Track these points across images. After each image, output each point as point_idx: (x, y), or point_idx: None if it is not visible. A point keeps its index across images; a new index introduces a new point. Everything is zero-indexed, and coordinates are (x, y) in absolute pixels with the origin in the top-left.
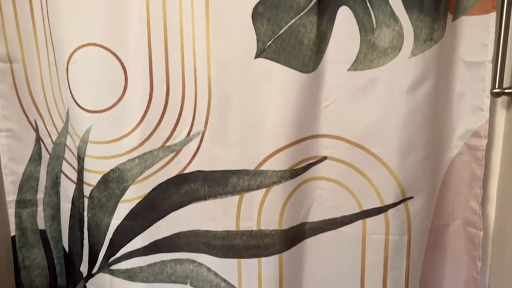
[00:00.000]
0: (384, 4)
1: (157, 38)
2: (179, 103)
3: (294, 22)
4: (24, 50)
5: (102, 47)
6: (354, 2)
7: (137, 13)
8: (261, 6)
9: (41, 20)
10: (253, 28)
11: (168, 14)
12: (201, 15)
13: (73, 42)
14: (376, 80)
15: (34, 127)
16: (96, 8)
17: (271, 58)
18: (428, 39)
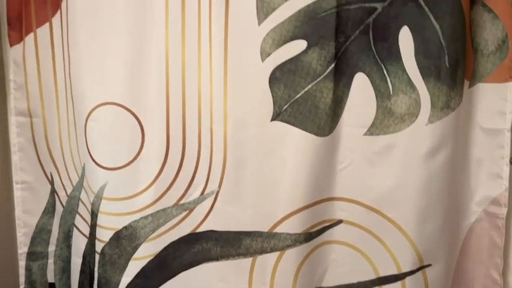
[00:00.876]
0: (401, 72)
1: (176, 98)
2: (194, 162)
3: (310, 87)
4: (45, 105)
5: (120, 106)
6: (370, 68)
7: (157, 74)
8: (278, 72)
9: (62, 78)
10: (270, 92)
11: (186, 75)
12: (220, 78)
13: (92, 101)
14: (392, 145)
15: (49, 180)
16: (116, 68)
17: (287, 121)
18: (445, 107)
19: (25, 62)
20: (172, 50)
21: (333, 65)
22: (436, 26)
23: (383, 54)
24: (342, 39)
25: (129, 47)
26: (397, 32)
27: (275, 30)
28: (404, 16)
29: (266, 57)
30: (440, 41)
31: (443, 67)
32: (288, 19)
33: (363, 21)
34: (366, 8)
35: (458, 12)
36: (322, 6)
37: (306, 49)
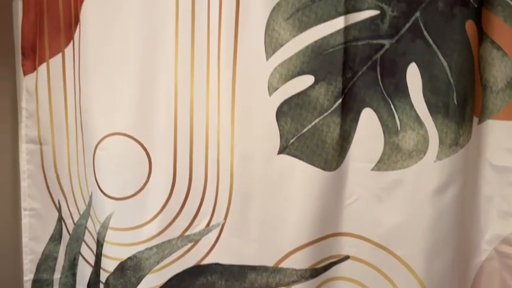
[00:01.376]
0: (409, 108)
1: (183, 130)
2: (200, 194)
3: (317, 122)
4: (55, 133)
5: (129, 137)
6: (377, 104)
7: (165, 105)
8: (285, 106)
9: (73, 107)
10: (277, 126)
11: (195, 107)
12: (227, 110)
13: (101, 130)
14: (400, 181)
15: (57, 207)
16: (126, 99)
17: (294, 155)
18: (454, 144)
19: (37, 91)
20: (181, 82)
21: (340, 100)
22: (444, 63)
23: (390, 90)
24: (349, 75)
25: (138, 79)
26: (404, 68)
27: (283, 65)
28: (412, 53)
29: (273, 92)
30: (449, 78)
31: (451, 104)
32: (295, 55)
33: (371, 58)
34: (373, 44)
35: (466, 49)
36: (330, 43)
37: (313, 84)
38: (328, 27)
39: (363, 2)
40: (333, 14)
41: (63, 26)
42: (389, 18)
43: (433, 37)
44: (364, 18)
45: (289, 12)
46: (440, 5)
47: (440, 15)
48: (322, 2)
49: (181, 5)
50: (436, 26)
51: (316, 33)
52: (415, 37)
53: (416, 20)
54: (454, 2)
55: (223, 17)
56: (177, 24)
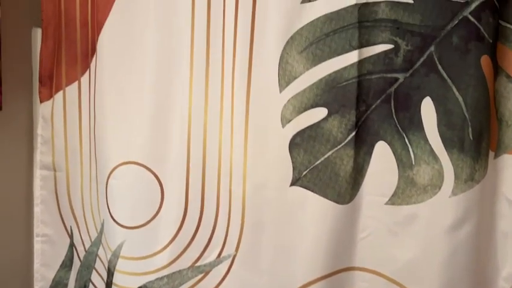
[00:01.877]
0: (423, 142)
1: (196, 160)
2: (212, 224)
3: (330, 154)
4: (69, 160)
5: (142, 166)
6: (391, 137)
7: (178, 135)
8: (298, 138)
9: (87, 135)
10: (289, 157)
11: (208, 137)
12: (240, 141)
13: (115, 159)
14: (415, 216)
15: (69, 233)
16: (140, 129)
17: (307, 187)
18: (470, 180)
19: (53, 118)
20: (194, 112)
21: (354, 133)
22: (459, 97)
23: (405, 123)
24: (363, 108)
25: (153, 109)
26: (419, 102)
27: (296, 97)
28: (426, 87)
29: (287, 123)
30: (464, 113)
31: (466, 139)
32: (309, 87)
33: (385, 91)
34: (387, 78)
35: (481, 84)
36: (343, 76)
37: (327, 116)
38: (341, 61)
39: (377, 36)
40: (347, 47)
41: (80, 54)
42: (403, 52)
43: (447, 72)
44: (378, 52)
45: (303, 45)
46: (454, 40)
47: (455, 50)
48: (336, 36)
49: (196, 37)
50: (451, 60)
51: (330, 67)
52: (430, 71)
53: (430, 55)
54: (469, 37)
55: (238, 49)
56: (191, 55)
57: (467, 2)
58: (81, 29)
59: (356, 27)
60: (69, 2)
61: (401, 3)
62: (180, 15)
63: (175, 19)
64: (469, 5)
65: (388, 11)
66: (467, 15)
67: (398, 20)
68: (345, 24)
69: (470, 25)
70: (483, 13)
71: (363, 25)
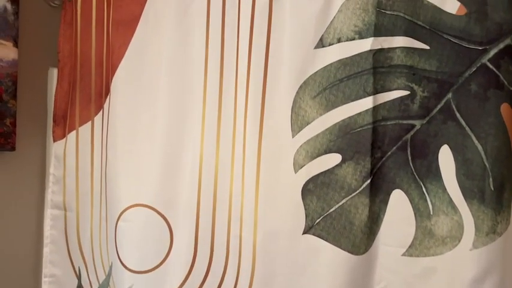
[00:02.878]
0: (441, 191)
1: (206, 204)
2: (221, 272)
3: (345, 202)
4: (80, 201)
5: (152, 209)
6: (408, 186)
7: (189, 179)
8: (311, 184)
9: (98, 176)
10: (302, 204)
11: (219, 182)
12: (251, 186)
13: (125, 201)
14: (433, 269)
15: (77, 274)
16: (151, 172)
17: (320, 236)
18: (491, 232)
19: (65, 157)
20: (206, 157)
21: (369, 181)
22: (478, 146)
23: (422, 172)
24: (378, 155)
25: (164, 151)
26: (436, 150)
27: (309, 142)
28: (444, 134)
29: (299, 169)
30: (484, 162)
31: (487, 190)
32: (322, 133)
33: (401, 138)
34: (403, 124)
35: (502, 132)
36: (358, 122)
37: (341, 163)
38: (356, 107)
39: (392, 82)
40: (361, 93)
41: (94, 95)
42: (419, 98)
43: (466, 119)
44: (394, 98)
45: (316, 90)
46: (473, 87)
47: (474, 98)
48: (350, 81)
49: (209, 81)
50: (469, 108)
51: (344, 112)
52: (447, 119)
53: (448, 102)
54: (488, 85)
55: (251, 93)
56: (204, 99)
57: (486, 49)
58: (96, 70)
59: (371, 73)
60: (86, 44)
61: (417, 49)
62: (193, 59)
63: (188, 63)
64: (488, 52)
65: (404, 56)
66: (486, 62)
67: (414, 66)
68: (359, 70)
69: (489, 72)
70: (502, 60)
71: (377, 71)
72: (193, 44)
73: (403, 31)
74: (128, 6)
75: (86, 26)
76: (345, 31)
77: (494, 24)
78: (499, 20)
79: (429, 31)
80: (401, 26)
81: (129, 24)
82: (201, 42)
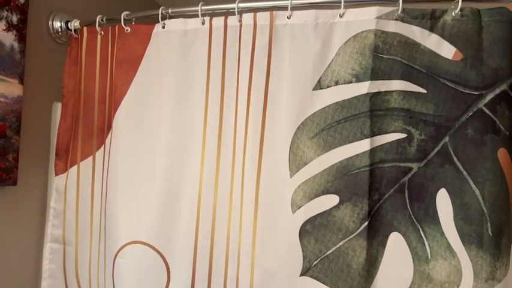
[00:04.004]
0: (439, 235)
1: (204, 243)
2: None
3: (342, 244)
4: (79, 235)
5: (149, 246)
6: (406, 229)
7: (188, 218)
8: (309, 225)
9: (98, 211)
10: (300, 245)
11: (217, 221)
12: (249, 225)
13: (123, 238)
14: None
15: None
16: (150, 208)
17: (317, 278)
18: (490, 278)
19: (66, 191)
20: (204, 196)
21: (367, 223)
22: (476, 191)
23: (419, 215)
24: (375, 197)
25: (163, 190)
26: (434, 193)
27: (307, 183)
28: (441, 178)
29: (297, 209)
30: (482, 207)
31: (485, 235)
32: (320, 173)
33: (398, 180)
34: (401, 167)
35: (499, 177)
36: (355, 163)
37: (338, 204)
38: (353, 148)
39: (389, 125)
40: (359, 135)
41: (96, 130)
42: (417, 141)
43: (463, 163)
44: (391, 141)
45: (314, 131)
46: (470, 131)
47: (471, 142)
48: (347, 123)
49: (209, 120)
50: (467, 152)
51: (341, 154)
52: (445, 162)
53: (445, 145)
54: (485, 130)
55: (249, 133)
56: (204, 137)
57: (482, 94)
58: (99, 106)
59: (368, 116)
60: (90, 80)
61: (414, 92)
62: (194, 98)
63: (189, 102)
64: (484, 97)
65: (401, 100)
66: (482, 107)
67: (411, 109)
68: (357, 113)
69: (485, 117)
70: (498, 105)
71: (374, 114)
72: (194, 83)
73: (400, 75)
74: (132, 45)
75: (91, 63)
76: (342, 74)
77: (490, 70)
78: (494, 66)
79: (426, 75)
80: (398, 69)
81: (132, 63)
82: (202, 82)
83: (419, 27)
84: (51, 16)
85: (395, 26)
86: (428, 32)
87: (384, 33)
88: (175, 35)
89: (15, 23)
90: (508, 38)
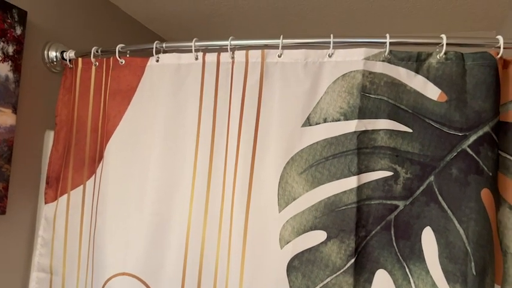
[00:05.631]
0: (425, 273)
1: (191, 278)
2: None
3: (329, 281)
4: (67, 265)
5: (137, 279)
6: (392, 266)
7: (176, 251)
8: (296, 260)
9: (87, 241)
10: (287, 281)
11: (205, 255)
12: (237, 261)
13: (111, 269)
14: None
15: None
16: (138, 241)
17: None
18: None
19: (55, 220)
20: (193, 230)
21: (353, 260)
22: (460, 230)
23: (405, 252)
24: (362, 234)
25: (152, 222)
26: (419, 231)
27: (295, 218)
28: (426, 216)
29: (285, 245)
30: (466, 247)
31: (469, 274)
32: (308, 209)
33: (384, 218)
34: (387, 204)
35: (483, 217)
36: (343, 200)
37: (326, 240)
38: (341, 185)
39: (376, 163)
40: (346, 172)
41: (87, 159)
42: (403, 179)
43: (448, 203)
44: (378, 179)
45: (303, 167)
46: (454, 171)
47: (455, 182)
48: (335, 160)
49: (200, 152)
50: (451, 192)
51: (329, 190)
52: (430, 201)
53: (430, 184)
54: (468, 170)
55: (239, 167)
56: (194, 170)
57: (466, 135)
58: (91, 136)
59: (355, 154)
60: (83, 110)
61: (400, 131)
62: (185, 131)
63: (180, 136)
64: (467, 138)
65: (387, 138)
66: (466, 148)
67: (397, 148)
68: (344, 150)
69: (469, 158)
70: (481, 147)
71: (362, 151)
72: (186, 117)
73: (387, 114)
74: (126, 77)
75: (84, 92)
76: (330, 112)
77: (473, 111)
78: (477, 108)
79: (412, 115)
80: (385, 109)
81: (126, 94)
82: (194, 116)
83: (406, 68)
84: (47, 46)
85: (383, 67)
86: (414, 74)
87: (371, 74)
88: (168, 69)
89: (11, 54)
90: (490, 82)
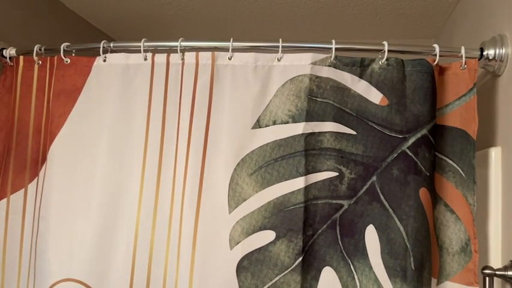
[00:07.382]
0: (368, 269)
1: (140, 281)
2: None
3: (278, 279)
4: (6, 274)
5: (82, 284)
6: (337, 263)
7: (123, 255)
8: (246, 261)
9: (28, 247)
10: (236, 281)
11: (153, 257)
12: (187, 263)
13: (54, 276)
14: None
15: None
16: (84, 245)
17: None
18: None
19: None
20: (141, 233)
21: (301, 258)
22: (400, 227)
23: (350, 250)
24: (309, 233)
25: (98, 227)
26: (363, 229)
27: (245, 219)
28: (369, 215)
29: (235, 245)
30: (405, 243)
31: (409, 269)
32: (257, 209)
33: (330, 217)
34: (332, 204)
35: (421, 214)
36: (291, 200)
37: (275, 240)
38: (289, 186)
39: (323, 164)
40: (294, 173)
41: (29, 162)
42: (347, 180)
43: (389, 201)
44: (324, 179)
45: (252, 168)
46: (395, 172)
47: (395, 181)
48: (284, 161)
49: (148, 154)
50: (392, 191)
51: (278, 190)
52: (372, 200)
53: (373, 184)
54: (408, 170)
55: (189, 169)
56: (143, 172)
57: (405, 138)
58: (34, 137)
59: (303, 155)
60: (24, 110)
61: (344, 134)
62: (133, 133)
63: (128, 137)
64: (407, 140)
65: (333, 140)
66: (406, 149)
67: (342, 149)
68: (293, 151)
69: (408, 159)
70: (419, 148)
71: (309, 153)
72: (134, 117)
73: (332, 117)
74: (71, 77)
75: (26, 92)
76: (279, 114)
77: (412, 115)
78: (416, 111)
79: (356, 118)
80: (331, 112)
81: (71, 94)
82: (142, 116)
83: (350, 73)
84: None
85: (328, 72)
86: (358, 79)
87: (318, 78)
88: (116, 69)
89: None
90: (427, 87)
